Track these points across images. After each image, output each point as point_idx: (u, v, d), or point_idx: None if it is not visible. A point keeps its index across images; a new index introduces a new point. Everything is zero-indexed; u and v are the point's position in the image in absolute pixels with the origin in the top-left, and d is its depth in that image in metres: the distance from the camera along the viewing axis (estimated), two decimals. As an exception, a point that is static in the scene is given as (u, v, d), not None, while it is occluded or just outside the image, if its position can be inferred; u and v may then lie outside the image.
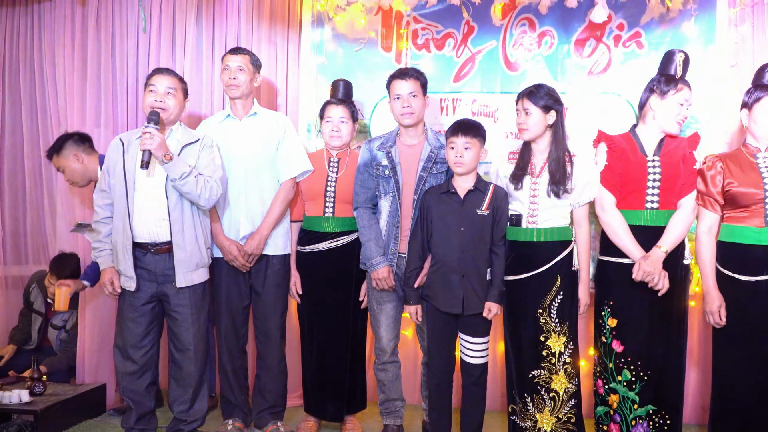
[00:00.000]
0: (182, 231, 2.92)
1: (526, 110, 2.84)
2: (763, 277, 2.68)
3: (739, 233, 2.74)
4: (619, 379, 2.85)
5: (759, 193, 2.69)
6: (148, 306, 2.98)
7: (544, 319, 2.84)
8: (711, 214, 2.81)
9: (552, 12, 3.56)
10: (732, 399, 2.74)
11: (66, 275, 3.67)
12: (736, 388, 2.73)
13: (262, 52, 3.72)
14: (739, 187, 2.72)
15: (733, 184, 2.74)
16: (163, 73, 3.01)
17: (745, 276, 2.71)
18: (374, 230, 3.08)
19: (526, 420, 2.88)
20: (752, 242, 2.70)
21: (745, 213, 2.73)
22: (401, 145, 3.11)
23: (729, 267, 2.76)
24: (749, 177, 2.72)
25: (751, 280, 2.70)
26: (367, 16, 3.73)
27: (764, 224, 2.69)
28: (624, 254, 2.82)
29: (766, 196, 2.69)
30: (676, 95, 2.82)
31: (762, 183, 2.70)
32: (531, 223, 2.87)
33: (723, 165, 2.78)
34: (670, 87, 2.82)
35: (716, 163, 2.80)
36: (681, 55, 2.85)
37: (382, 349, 3.18)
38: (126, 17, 3.90)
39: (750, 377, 2.69)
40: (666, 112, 2.83)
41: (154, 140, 2.78)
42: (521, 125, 2.86)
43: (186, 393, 3.03)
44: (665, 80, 2.84)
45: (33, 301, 3.95)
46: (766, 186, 2.69)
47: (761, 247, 2.68)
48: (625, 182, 2.85)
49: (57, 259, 3.82)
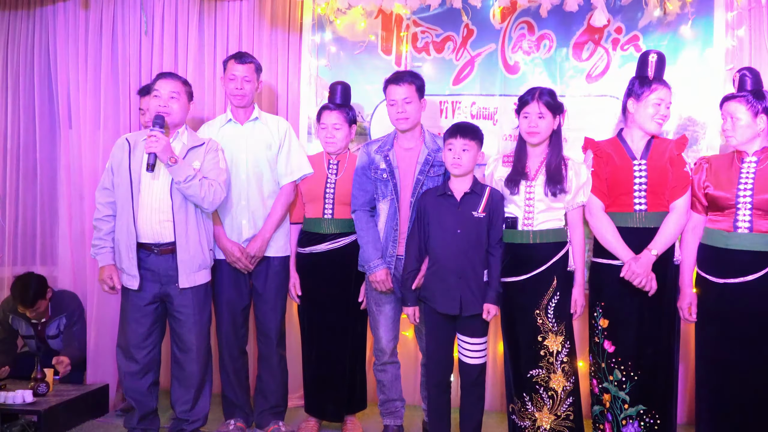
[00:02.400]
0: (186, 232, 2.95)
1: (540, 114, 2.86)
2: (729, 279, 2.72)
3: (711, 236, 2.80)
4: (610, 379, 2.88)
5: (731, 197, 2.73)
6: (151, 306, 3.00)
7: (541, 320, 2.87)
8: (696, 215, 2.87)
9: (551, 15, 3.57)
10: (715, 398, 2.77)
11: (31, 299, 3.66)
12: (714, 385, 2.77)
13: (263, 55, 3.75)
14: (714, 191, 2.78)
15: (709, 187, 2.79)
16: (167, 77, 3.03)
17: (715, 277, 2.76)
18: (372, 233, 3.10)
19: (525, 419, 2.91)
20: (721, 245, 2.75)
21: (720, 216, 2.78)
22: (399, 148, 3.13)
23: (703, 267, 2.83)
24: (726, 181, 2.76)
25: (718, 281, 2.75)
26: (368, 19, 3.75)
27: (732, 229, 2.72)
28: (615, 256, 2.85)
29: (738, 201, 2.72)
30: (650, 95, 2.85)
31: (736, 188, 2.73)
32: (527, 225, 2.89)
33: (708, 167, 2.83)
34: (644, 88, 2.86)
35: (702, 165, 2.86)
36: (654, 56, 2.90)
37: (381, 350, 3.21)
38: (128, 20, 3.92)
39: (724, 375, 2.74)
40: (643, 112, 2.87)
41: (159, 143, 2.81)
42: (533, 128, 2.86)
43: (188, 393, 3.06)
44: (639, 82, 2.90)
45: (17, 329, 3.88)
46: (739, 192, 2.72)
47: (728, 250, 2.73)
48: (613, 186, 2.89)
49: (18, 284, 3.71)
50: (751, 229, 2.70)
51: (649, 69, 2.90)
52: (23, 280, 3.73)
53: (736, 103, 2.75)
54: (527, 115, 2.87)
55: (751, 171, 2.75)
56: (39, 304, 3.72)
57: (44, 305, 3.77)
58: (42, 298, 3.74)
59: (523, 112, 2.89)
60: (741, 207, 2.72)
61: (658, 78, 2.89)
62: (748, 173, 2.75)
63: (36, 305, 3.71)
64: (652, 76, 2.89)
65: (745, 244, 2.70)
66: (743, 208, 2.71)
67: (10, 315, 3.85)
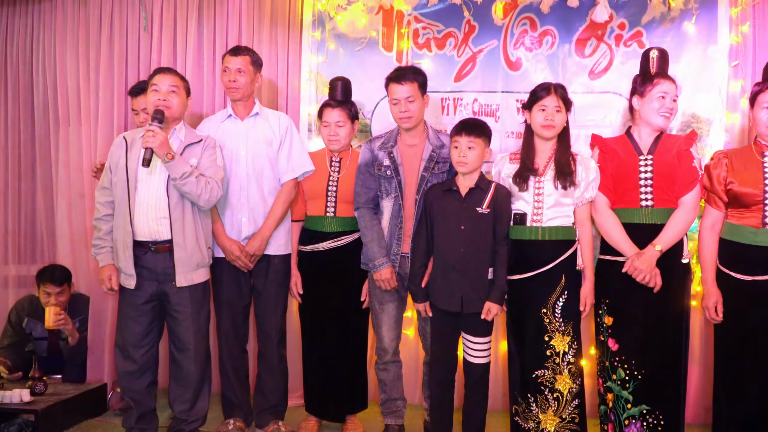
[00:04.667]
0: (183, 230, 2.91)
1: (558, 107, 2.84)
2: (758, 277, 2.68)
3: (738, 232, 2.75)
4: (614, 378, 2.86)
5: (758, 193, 2.70)
6: (148, 305, 2.97)
7: (548, 319, 2.83)
8: (714, 211, 2.82)
9: (553, 11, 3.57)
10: (734, 396, 2.74)
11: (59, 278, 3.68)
12: (738, 385, 2.73)
13: (263, 52, 3.72)
14: (740, 187, 2.73)
15: (734, 183, 2.74)
16: (166, 72, 3.00)
17: (742, 275, 2.72)
18: (376, 231, 3.07)
19: (528, 421, 2.87)
20: (749, 242, 2.71)
21: (746, 213, 2.74)
22: (402, 145, 3.10)
23: (727, 265, 2.78)
24: (751, 176, 2.72)
25: (747, 279, 2.71)
26: (368, 15, 3.74)
27: (762, 225, 2.69)
28: (621, 253, 2.83)
29: (766, 197, 2.69)
30: (653, 90, 2.83)
31: (763, 184, 2.70)
32: (536, 221, 2.86)
33: (728, 162, 2.78)
34: (646, 84, 2.86)
35: (722, 160, 2.81)
36: (655, 52, 2.89)
37: (383, 348, 3.18)
38: (127, 16, 3.90)
39: (749, 374, 2.70)
40: (647, 107, 2.85)
41: (156, 138, 2.78)
42: (550, 122, 2.83)
43: (187, 392, 3.02)
44: (641, 79, 2.89)
45: (30, 332, 3.84)
46: (766, 187, 2.69)
47: (758, 247, 2.69)
48: (619, 181, 2.87)
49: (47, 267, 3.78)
50: None
51: (651, 65, 2.89)
52: (51, 265, 3.80)
53: None
54: (544, 108, 2.83)
55: None
56: (65, 288, 3.72)
57: (68, 294, 3.76)
58: (68, 284, 3.75)
59: (538, 105, 2.84)
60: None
61: (661, 73, 2.87)
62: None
63: (62, 287, 3.70)
64: (654, 72, 2.87)
65: None
66: None
67: (26, 318, 3.82)
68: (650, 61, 2.89)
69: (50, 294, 3.66)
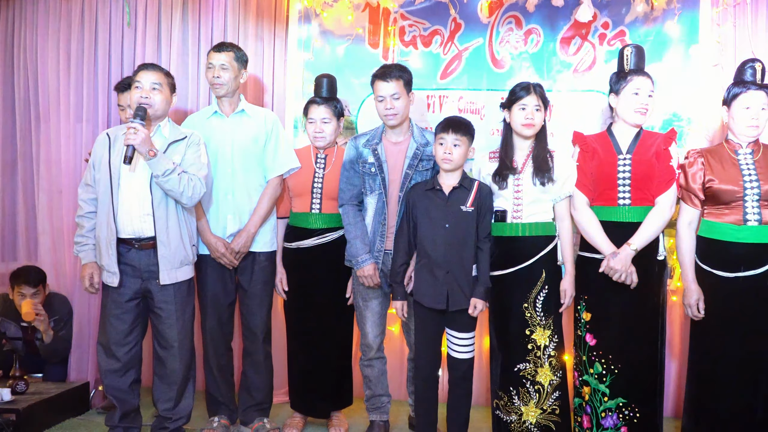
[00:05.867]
0: (166, 228, 2.90)
1: (538, 106, 2.87)
2: (740, 273, 2.72)
3: (718, 229, 2.78)
4: (591, 372, 2.90)
5: (738, 190, 2.73)
6: (132, 303, 2.95)
7: (529, 313, 2.87)
8: (691, 209, 2.86)
9: (538, 10, 3.59)
10: (707, 391, 2.78)
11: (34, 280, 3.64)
12: (712, 381, 2.77)
13: (249, 48, 3.70)
14: (719, 184, 2.76)
15: (713, 181, 2.77)
16: (149, 68, 2.98)
17: (723, 272, 2.75)
18: (360, 227, 3.07)
19: (511, 413, 2.91)
20: (730, 239, 2.74)
21: (725, 210, 2.77)
22: (387, 142, 3.11)
23: (708, 262, 2.81)
24: (730, 174, 2.76)
25: (728, 276, 2.74)
26: (355, 12, 3.73)
27: (743, 222, 2.73)
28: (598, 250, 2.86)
29: (746, 193, 2.72)
30: (627, 87, 2.87)
31: (741, 180, 2.74)
32: (516, 218, 2.90)
33: (704, 161, 2.82)
34: (620, 82, 2.89)
35: (698, 158, 2.84)
36: (629, 49, 2.93)
37: (368, 345, 3.19)
38: (110, 11, 3.86)
39: (726, 370, 2.74)
40: (623, 105, 2.89)
41: (138, 135, 2.75)
42: (530, 121, 2.87)
43: (171, 390, 3.00)
44: (616, 77, 2.93)
45: (4, 331, 3.77)
46: (745, 184, 2.73)
47: (739, 244, 2.73)
48: (598, 180, 2.90)
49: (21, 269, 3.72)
50: (760, 221, 2.71)
51: (626, 63, 2.92)
52: (26, 266, 3.74)
53: (763, 93, 2.76)
54: (525, 107, 2.86)
55: (750, 162, 2.77)
56: (39, 289, 3.68)
57: (43, 295, 3.71)
58: (43, 285, 3.71)
59: (519, 104, 2.87)
60: (749, 199, 2.72)
61: (636, 70, 2.90)
62: (748, 165, 2.77)
63: (37, 288, 3.66)
64: (628, 69, 2.91)
65: (756, 236, 2.71)
66: (751, 201, 2.72)
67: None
68: (624, 59, 2.92)
69: (25, 295, 3.62)
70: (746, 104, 2.75)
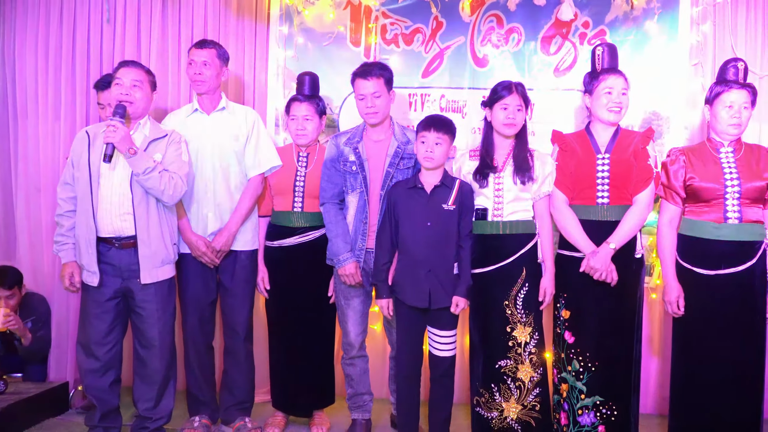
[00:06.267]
0: (147, 226, 2.88)
1: (519, 106, 2.88)
2: (720, 271, 2.75)
3: (698, 227, 2.81)
4: (569, 369, 2.92)
5: (719, 188, 2.75)
6: (112, 302, 2.93)
7: (510, 311, 2.89)
8: (672, 207, 2.88)
9: (520, 9, 3.60)
10: (690, 388, 2.81)
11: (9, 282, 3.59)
12: (694, 378, 2.80)
13: (230, 46, 3.69)
14: (700, 182, 2.78)
15: (694, 179, 2.80)
16: (130, 65, 2.96)
17: (704, 269, 2.78)
18: (341, 226, 3.07)
19: (492, 410, 2.93)
20: (711, 237, 2.77)
21: (706, 208, 2.80)
22: (368, 140, 3.10)
23: (688, 260, 2.83)
24: (711, 172, 2.78)
25: (709, 273, 2.77)
26: (336, 10, 3.72)
27: (723, 220, 2.75)
28: (578, 249, 2.88)
29: (726, 192, 2.75)
30: (600, 86, 2.89)
31: (723, 179, 2.76)
32: (497, 216, 2.91)
33: (686, 159, 2.84)
34: (592, 82, 2.92)
35: (679, 156, 2.86)
36: (600, 49, 2.95)
37: (349, 343, 3.19)
38: (89, 7, 3.82)
39: (707, 367, 2.76)
40: (596, 104, 2.91)
41: (117, 133, 2.73)
42: (512, 120, 2.88)
43: (151, 390, 2.99)
44: (588, 78, 2.95)
45: None
46: (726, 182, 2.75)
47: (719, 242, 2.75)
48: (577, 179, 2.92)
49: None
50: (740, 219, 2.74)
51: (598, 62, 2.95)
52: (1, 267, 3.68)
53: (745, 92, 2.78)
54: (506, 107, 2.88)
55: (731, 161, 2.79)
56: (15, 291, 3.63)
57: (18, 297, 3.67)
58: (19, 287, 3.66)
59: (500, 104, 2.89)
60: (729, 197, 2.75)
61: (609, 69, 2.92)
62: (729, 163, 2.79)
63: (12, 290, 3.61)
64: (600, 68, 2.93)
65: (736, 234, 2.73)
66: (731, 198, 2.75)
67: None
68: (597, 59, 2.95)
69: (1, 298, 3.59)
70: (728, 103, 2.77)
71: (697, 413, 2.79)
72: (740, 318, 2.75)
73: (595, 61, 2.95)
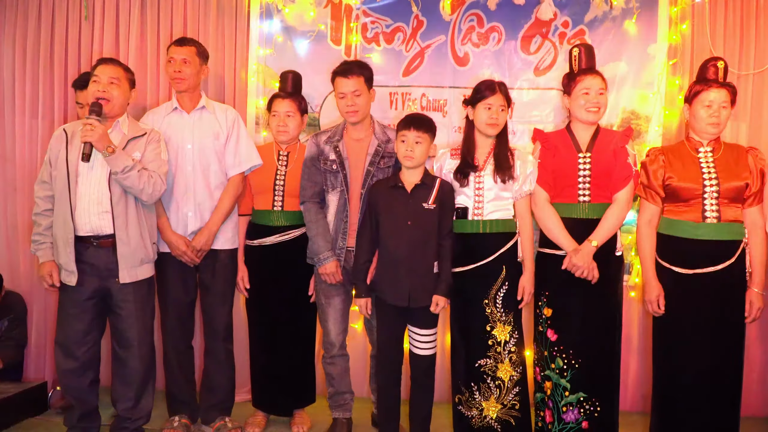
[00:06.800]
0: (126, 225, 2.86)
1: (503, 106, 2.89)
2: (699, 270, 2.76)
3: (676, 227, 2.83)
4: (552, 367, 2.93)
5: (697, 188, 2.77)
6: (90, 302, 2.90)
7: (490, 309, 2.90)
8: (652, 206, 2.89)
9: (500, 8, 3.61)
10: (671, 386, 2.83)
11: None
12: (675, 376, 2.82)
13: (210, 43, 3.67)
14: (679, 182, 2.80)
15: (673, 178, 2.81)
16: (107, 63, 2.93)
17: (683, 269, 2.80)
18: (322, 225, 3.07)
19: (472, 409, 2.94)
20: (689, 236, 2.79)
21: (684, 207, 2.81)
22: (348, 139, 3.10)
23: (667, 259, 2.85)
24: (689, 172, 2.80)
25: (688, 272, 2.79)
26: (317, 8, 3.71)
27: (701, 219, 2.77)
28: (560, 246, 2.90)
29: (705, 191, 2.77)
30: (577, 86, 2.91)
31: (701, 178, 2.78)
32: (477, 215, 2.92)
33: (665, 159, 2.85)
34: (570, 83, 2.94)
35: (659, 156, 2.87)
36: (576, 50, 2.98)
37: (330, 342, 3.18)
38: (67, 4, 3.79)
39: (687, 365, 2.79)
40: (574, 105, 2.93)
41: (95, 132, 2.71)
42: (495, 120, 2.89)
43: (130, 390, 2.97)
44: (566, 79, 2.98)
45: None
46: (705, 182, 2.77)
47: (697, 241, 2.77)
48: (559, 177, 2.93)
49: None
50: (719, 219, 2.76)
51: (575, 63, 2.97)
52: None
53: (725, 91, 2.79)
54: (490, 107, 2.88)
55: (710, 161, 2.81)
56: None
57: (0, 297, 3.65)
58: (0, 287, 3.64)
59: (484, 103, 2.88)
60: (708, 197, 2.77)
61: (586, 69, 2.94)
62: (708, 163, 2.80)
63: None
64: (577, 69, 2.95)
65: (715, 234, 2.75)
66: (710, 198, 2.76)
67: None
68: (573, 60, 2.97)
69: None
70: (707, 102, 2.79)
71: (678, 411, 2.81)
72: (720, 317, 2.77)
73: (572, 62, 2.97)
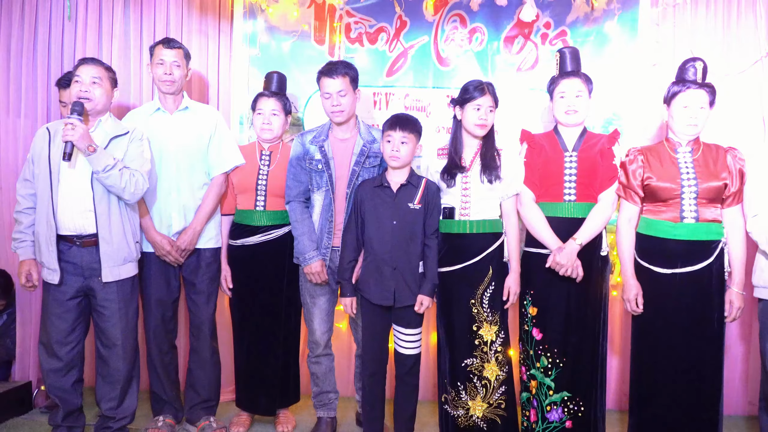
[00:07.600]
0: (109, 224, 2.86)
1: (491, 107, 2.91)
2: (677, 269, 2.79)
3: (655, 226, 2.85)
4: (537, 366, 2.96)
5: (676, 188, 2.79)
6: (74, 301, 2.90)
7: (476, 309, 2.91)
8: (631, 206, 2.91)
9: (482, 9, 3.64)
10: (649, 385, 2.85)
11: None
12: (654, 375, 2.84)
13: (193, 43, 3.67)
14: (657, 182, 2.82)
15: (652, 178, 2.83)
16: (89, 62, 2.93)
17: (661, 268, 2.82)
18: (307, 224, 3.08)
19: (458, 408, 2.95)
20: (667, 236, 2.80)
21: (663, 207, 2.84)
22: (334, 139, 3.11)
23: (646, 258, 2.87)
24: (668, 172, 2.82)
25: (666, 272, 2.81)
26: (300, 8, 3.72)
27: (679, 219, 2.79)
28: (544, 245, 2.92)
29: (683, 191, 2.79)
30: (556, 90, 2.96)
31: (679, 179, 2.80)
32: (464, 215, 2.93)
33: (644, 158, 2.87)
34: (552, 87, 2.99)
35: (638, 156, 2.89)
36: (557, 54, 3.02)
37: (315, 342, 3.20)
38: (50, 4, 3.76)
39: (666, 364, 2.81)
40: (556, 108, 2.98)
41: (76, 131, 2.71)
42: (483, 121, 2.90)
43: (114, 390, 2.97)
44: (549, 83, 3.03)
45: None
46: (683, 182, 2.79)
47: (676, 241, 2.79)
48: (545, 176, 2.96)
49: None
50: (697, 219, 2.78)
51: (557, 67, 3.01)
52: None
53: (703, 92, 2.81)
54: (479, 107, 2.89)
55: (689, 161, 2.83)
56: None
57: None
58: None
59: (473, 104, 2.89)
60: (686, 197, 2.79)
61: (569, 72, 2.97)
62: (686, 163, 2.82)
63: None
64: (558, 73, 3.00)
65: (692, 233, 2.77)
66: (688, 198, 2.78)
67: None
68: (557, 64, 3.02)
69: None
70: (685, 103, 2.80)
71: (656, 410, 2.84)
72: (698, 316, 2.79)
73: (556, 66, 3.01)
